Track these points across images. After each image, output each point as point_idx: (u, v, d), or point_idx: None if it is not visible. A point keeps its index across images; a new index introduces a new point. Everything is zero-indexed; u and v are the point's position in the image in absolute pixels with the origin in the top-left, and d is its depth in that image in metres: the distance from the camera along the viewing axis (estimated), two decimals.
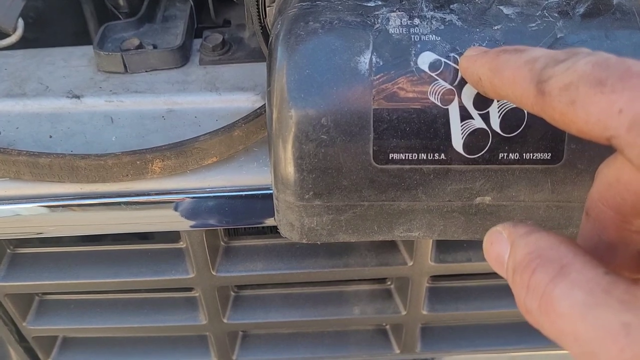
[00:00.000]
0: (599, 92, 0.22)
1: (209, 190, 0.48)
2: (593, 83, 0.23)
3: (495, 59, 0.29)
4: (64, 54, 0.58)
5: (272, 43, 0.36)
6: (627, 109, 0.22)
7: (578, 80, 0.23)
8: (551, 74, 0.25)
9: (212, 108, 0.53)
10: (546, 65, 0.25)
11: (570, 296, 0.22)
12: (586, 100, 0.23)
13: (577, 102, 0.23)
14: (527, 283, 0.24)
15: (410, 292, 0.58)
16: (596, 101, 0.23)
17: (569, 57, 0.25)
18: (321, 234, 0.38)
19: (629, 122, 0.22)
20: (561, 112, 0.24)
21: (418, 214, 0.37)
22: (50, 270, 0.56)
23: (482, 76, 0.30)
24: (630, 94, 0.22)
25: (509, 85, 0.27)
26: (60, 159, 0.46)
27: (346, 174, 0.35)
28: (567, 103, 0.24)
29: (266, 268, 0.55)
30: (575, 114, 0.23)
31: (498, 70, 0.28)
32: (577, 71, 0.24)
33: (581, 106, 0.23)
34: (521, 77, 0.26)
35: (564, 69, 0.24)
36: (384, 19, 0.35)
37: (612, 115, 0.22)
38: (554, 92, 0.24)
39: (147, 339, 0.65)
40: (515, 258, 0.25)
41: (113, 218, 0.49)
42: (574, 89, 0.23)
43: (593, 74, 0.23)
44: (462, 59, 0.33)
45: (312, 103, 0.34)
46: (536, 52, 0.27)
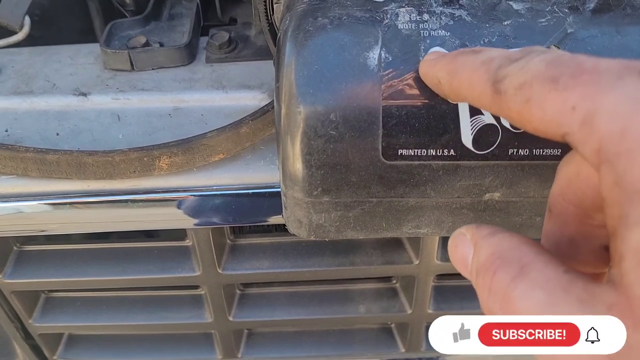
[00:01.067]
0: (552, 89, 0.23)
1: (215, 188, 0.48)
2: (547, 81, 0.23)
3: (452, 62, 0.29)
4: (70, 52, 0.58)
5: (281, 39, 0.36)
6: (579, 105, 0.22)
7: (532, 79, 0.23)
8: (506, 74, 0.25)
9: (219, 106, 0.52)
10: (501, 65, 0.25)
11: (530, 296, 0.22)
12: (541, 98, 0.23)
13: (532, 100, 0.23)
14: (489, 285, 0.24)
15: (416, 291, 0.57)
16: (550, 99, 0.23)
17: (523, 56, 0.25)
18: (329, 231, 0.38)
19: (581, 119, 0.21)
20: (517, 111, 0.24)
21: (427, 211, 0.37)
22: (56, 267, 0.56)
23: (441, 79, 0.30)
24: (582, 91, 0.22)
25: (466, 86, 0.27)
26: (67, 155, 0.46)
27: (355, 170, 0.35)
28: (522, 102, 0.24)
29: (272, 266, 0.55)
30: (530, 112, 0.23)
31: (456, 72, 0.28)
32: (531, 70, 0.24)
33: (536, 104, 0.23)
34: (477, 77, 0.26)
35: (518, 68, 0.24)
36: (393, 14, 0.35)
37: (565, 113, 0.22)
38: (509, 92, 0.24)
39: (152, 336, 0.65)
40: (479, 260, 0.25)
41: (120, 215, 0.49)
42: (528, 87, 0.23)
43: (546, 72, 0.23)
44: (422, 64, 0.33)
45: (321, 99, 0.34)
46: (492, 52, 0.27)
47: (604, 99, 0.21)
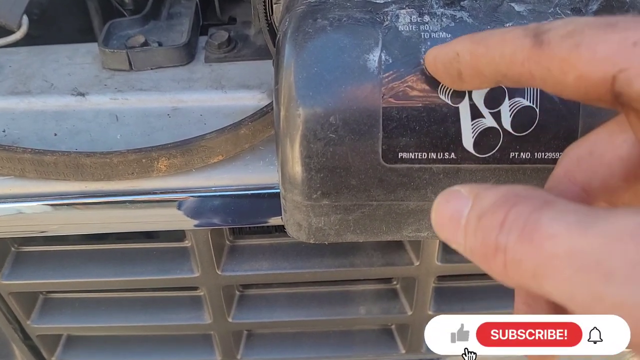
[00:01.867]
0: (609, 32, 0.21)
1: (214, 189, 0.48)
2: (602, 25, 0.22)
3: (475, 35, 0.27)
4: (68, 51, 0.57)
5: (280, 40, 0.36)
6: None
7: (583, 27, 0.22)
8: (549, 27, 0.23)
9: (218, 106, 0.52)
10: (539, 25, 0.24)
11: (563, 219, 0.19)
12: (594, 40, 0.22)
13: (582, 44, 0.22)
14: (502, 220, 0.21)
15: (416, 293, 0.57)
16: (606, 39, 0.21)
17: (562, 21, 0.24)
18: (329, 234, 0.38)
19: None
20: (561, 58, 0.22)
21: (427, 214, 0.37)
22: (54, 268, 0.55)
23: (462, 49, 0.27)
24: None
25: (495, 47, 0.25)
26: (65, 156, 0.45)
27: (354, 174, 0.34)
28: (570, 47, 0.22)
29: (271, 267, 0.55)
30: (579, 55, 0.22)
31: (483, 39, 0.26)
32: (582, 20, 0.23)
33: (587, 47, 0.22)
34: (513, 35, 0.24)
35: (563, 22, 0.23)
36: (393, 16, 0.34)
37: (624, 49, 0.21)
38: (554, 40, 0.23)
39: (151, 337, 0.65)
40: (483, 204, 0.22)
41: (118, 217, 0.49)
42: (579, 33, 0.22)
43: (601, 19, 0.22)
44: (430, 50, 0.31)
45: (321, 101, 0.33)
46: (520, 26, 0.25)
47: None
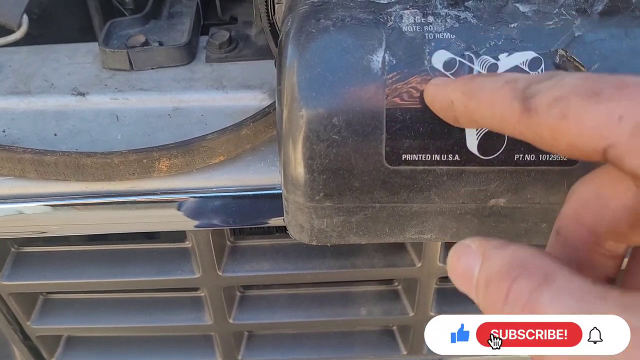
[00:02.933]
0: (594, 102, 0.21)
1: (215, 190, 0.47)
2: (587, 94, 0.22)
3: (469, 82, 0.27)
4: (68, 51, 0.57)
5: (283, 41, 0.36)
6: (628, 115, 0.21)
7: (569, 93, 0.22)
8: (537, 90, 0.23)
9: (219, 106, 0.52)
10: (529, 84, 0.24)
11: (560, 302, 0.20)
12: (580, 112, 0.22)
13: (569, 115, 0.22)
14: (506, 293, 0.22)
15: (418, 294, 0.57)
16: (592, 111, 0.21)
17: (553, 76, 0.24)
18: (331, 236, 0.38)
19: (631, 128, 0.21)
20: (551, 127, 0.23)
21: (430, 216, 0.36)
22: (54, 269, 0.55)
23: (455, 100, 0.28)
24: (629, 101, 0.21)
25: (486, 106, 0.26)
26: (66, 157, 0.45)
27: (358, 175, 0.34)
28: (557, 117, 0.22)
29: (273, 268, 0.55)
30: (567, 127, 0.22)
31: (474, 93, 0.27)
32: (566, 85, 0.23)
33: (574, 119, 0.22)
34: (501, 96, 0.25)
35: (550, 85, 0.23)
36: (397, 16, 0.34)
37: (610, 124, 0.21)
38: (541, 108, 0.23)
39: (152, 338, 0.64)
40: (490, 270, 0.23)
41: (119, 217, 0.48)
42: (565, 102, 0.22)
43: (585, 86, 0.22)
44: (428, 88, 0.31)
45: (324, 102, 0.33)
46: (514, 74, 0.26)
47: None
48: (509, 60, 0.33)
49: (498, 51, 0.33)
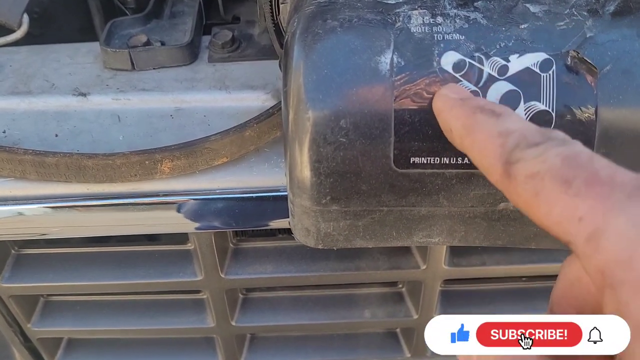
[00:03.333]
0: (563, 192, 0.22)
1: (218, 192, 0.47)
2: (560, 180, 0.22)
3: (470, 117, 0.28)
4: (69, 51, 0.56)
5: (288, 42, 0.35)
6: (587, 218, 0.21)
7: (545, 172, 0.23)
8: (520, 157, 0.24)
9: (222, 107, 0.51)
10: (517, 144, 0.24)
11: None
12: (550, 197, 0.22)
13: (541, 195, 0.23)
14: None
15: (422, 296, 0.56)
16: (560, 201, 0.22)
17: (542, 142, 0.24)
18: (338, 240, 0.37)
19: (588, 234, 0.21)
20: (525, 201, 0.23)
21: (439, 220, 0.36)
22: (55, 271, 0.54)
23: (454, 130, 0.29)
24: (593, 203, 0.21)
25: (477, 152, 0.27)
26: (67, 158, 0.45)
27: (365, 179, 0.34)
28: (531, 193, 0.23)
29: (276, 271, 0.54)
30: (538, 207, 0.23)
31: (470, 132, 0.27)
32: (546, 162, 0.23)
33: (544, 201, 0.22)
34: (491, 150, 0.25)
35: (533, 155, 0.24)
36: (405, 17, 0.33)
37: (572, 221, 0.21)
38: (519, 178, 0.24)
39: (153, 340, 0.64)
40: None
41: (120, 219, 0.48)
42: (540, 180, 0.23)
43: (561, 169, 0.22)
44: (437, 98, 0.31)
45: (331, 104, 0.32)
46: (512, 123, 0.26)
47: (614, 220, 0.20)
48: (519, 61, 0.32)
49: (508, 52, 0.32)
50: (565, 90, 0.32)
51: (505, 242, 0.37)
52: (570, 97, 0.32)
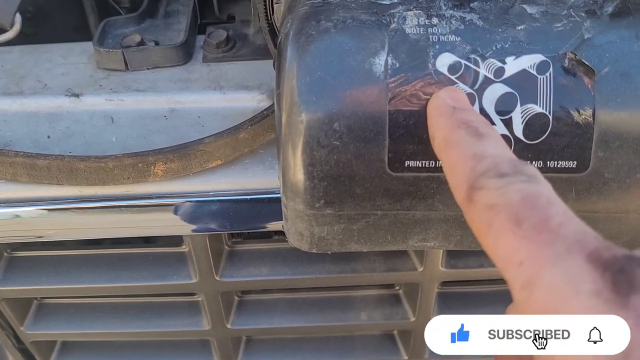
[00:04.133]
0: (512, 230, 0.22)
1: (212, 194, 0.46)
2: (512, 217, 0.22)
3: (452, 132, 0.28)
4: (62, 51, 0.56)
5: (282, 43, 0.34)
6: (527, 264, 0.21)
7: (501, 207, 0.23)
8: (484, 185, 0.24)
9: (216, 107, 0.51)
10: (486, 171, 0.24)
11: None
12: (499, 232, 0.22)
13: (492, 227, 0.23)
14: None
15: (420, 298, 0.56)
16: (506, 239, 0.22)
17: (510, 174, 0.24)
18: (332, 244, 0.36)
19: (524, 279, 0.21)
20: (478, 229, 0.24)
21: (434, 224, 0.35)
22: (48, 274, 0.54)
23: (436, 139, 0.29)
24: (535, 250, 0.21)
25: (449, 169, 0.27)
26: (59, 160, 0.44)
27: (359, 182, 0.33)
28: (485, 224, 0.23)
29: (271, 273, 0.54)
30: (487, 238, 0.23)
31: (448, 146, 0.27)
32: (506, 196, 0.23)
33: (494, 234, 0.23)
34: (461, 169, 0.26)
35: (497, 186, 0.24)
36: (400, 18, 0.33)
37: (513, 263, 0.21)
38: (478, 206, 0.24)
39: (148, 343, 0.63)
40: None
41: (113, 222, 0.47)
42: (495, 213, 0.23)
43: (517, 207, 0.22)
44: (433, 99, 0.31)
45: (324, 107, 0.32)
46: (489, 146, 0.26)
47: (548, 272, 0.20)
48: (516, 63, 0.32)
49: (505, 54, 0.32)
50: (562, 93, 0.31)
51: None
52: (568, 100, 0.31)
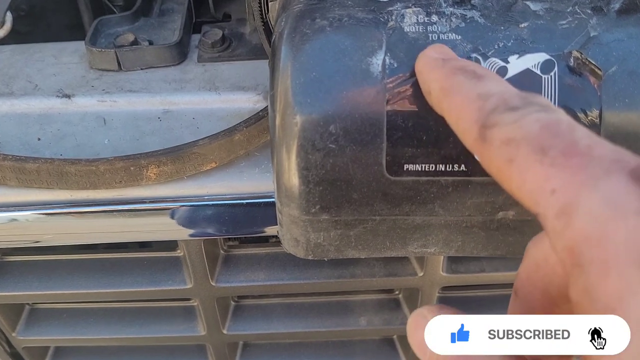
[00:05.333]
0: (538, 160, 0.20)
1: (207, 198, 0.45)
2: (535, 148, 0.21)
3: (449, 78, 0.26)
4: (54, 50, 0.55)
5: (276, 42, 0.33)
6: (560, 191, 0.19)
7: (521, 139, 0.21)
8: (497, 121, 0.22)
9: (211, 109, 0.49)
10: (496, 107, 0.23)
11: None
12: (523, 165, 0.21)
13: (514, 162, 0.21)
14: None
15: (420, 303, 0.55)
16: (533, 170, 0.20)
17: (522, 106, 0.22)
18: (328, 250, 0.35)
19: (559, 208, 0.19)
20: (497, 167, 0.22)
21: (434, 229, 0.34)
22: (40, 279, 0.53)
23: (432, 92, 0.27)
24: (567, 176, 0.20)
25: (454, 116, 0.25)
26: (48, 164, 0.43)
27: (356, 187, 0.32)
28: (505, 159, 0.22)
29: (268, 278, 0.52)
30: (510, 174, 0.22)
31: (448, 93, 0.26)
32: (523, 127, 0.21)
33: (517, 169, 0.21)
34: (468, 112, 0.24)
35: (511, 119, 0.22)
36: (398, 15, 0.31)
37: (544, 192, 0.20)
38: (494, 143, 0.22)
39: (143, 348, 0.62)
40: None
41: (105, 226, 0.46)
42: (515, 146, 0.21)
43: (538, 136, 0.21)
44: (420, 58, 0.29)
45: (320, 108, 0.30)
46: (492, 85, 0.24)
47: (587, 196, 0.19)
48: (519, 62, 0.30)
49: (507, 53, 0.30)
50: (567, 93, 0.30)
51: (504, 252, 0.35)
52: (573, 100, 0.30)
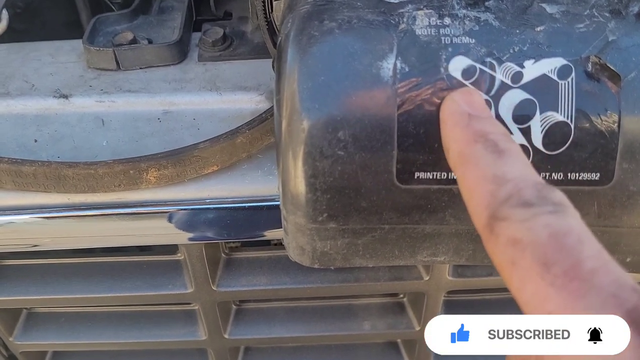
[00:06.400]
0: (539, 274, 0.20)
1: (208, 202, 0.44)
2: (539, 259, 0.20)
3: (468, 146, 0.25)
4: (51, 49, 0.53)
5: (282, 44, 0.32)
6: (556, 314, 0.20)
7: (528, 244, 0.21)
8: (507, 216, 0.22)
9: (212, 109, 0.48)
10: (509, 198, 0.22)
11: None
12: (525, 274, 0.20)
13: (517, 266, 0.21)
14: None
15: (425, 308, 0.54)
16: (533, 283, 0.20)
17: (536, 203, 0.22)
18: (335, 259, 0.34)
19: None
20: (500, 264, 0.22)
21: (445, 238, 0.33)
22: (38, 283, 0.52)
23: (451, 153, 0.27)
24: (566, 301, 0.19)
25: (466, 190, 0.25)
26: (45, 167, 0.42)
27: (365, 195, 0.31)
28: (508, 260, 0.21)
29: (270, 282, 0.52)
30: (511, 275, 0.21)
31: (465, 163, 0.25)
32: (532, 231, 0.21)
33: (518, 275, 0.21)
34: (481, 194, 0.24)
35: (521, 217, 0.22)
36: (409, 18, 0.30)
37: (540, 311, 0.20)
38: (501, 239, 0.22)
39: (142, 352, 0.61)
40: None
41: (104, 230, 0.45)
42: (520, 250, 0.21)
43: (545, 246, 0.20)
44: (447, 103, 0.28)
45: (328, 114, 0.29)
46: (511, 166, 0.24)
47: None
48: (535, 67, 0.29)
49: (523, 57, 0.29)
50: (585, 99, 0.29)
51: None
52: (591, 107, 0.29)
